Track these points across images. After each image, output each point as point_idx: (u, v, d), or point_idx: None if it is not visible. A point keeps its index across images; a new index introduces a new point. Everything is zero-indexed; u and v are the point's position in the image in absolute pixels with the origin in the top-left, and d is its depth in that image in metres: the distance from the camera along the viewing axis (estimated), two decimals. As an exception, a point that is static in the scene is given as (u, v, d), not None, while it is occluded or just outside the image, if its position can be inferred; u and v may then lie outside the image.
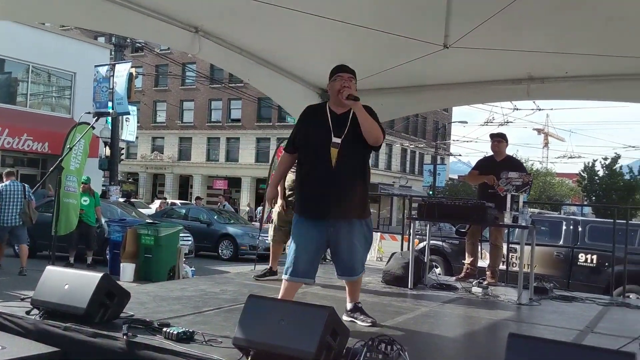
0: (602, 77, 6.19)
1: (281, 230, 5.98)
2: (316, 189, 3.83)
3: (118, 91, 17.01)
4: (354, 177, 3.86)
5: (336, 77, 4.03)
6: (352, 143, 3.81)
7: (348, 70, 4.06)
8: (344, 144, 3.80)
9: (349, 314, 4.13)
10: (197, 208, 18.26)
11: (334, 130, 3.84)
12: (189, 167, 46.92)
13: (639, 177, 36.66)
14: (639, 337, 3.69)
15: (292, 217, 5.80)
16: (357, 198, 3.89)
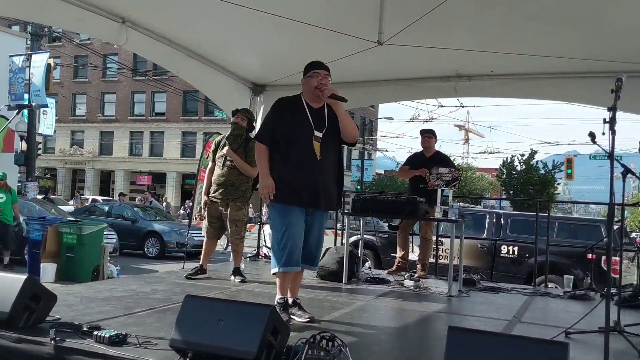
0: (526, 76, 6.47)
1: (212, 227, 5.86)
2: (306, 179, 3.89)
3: (35, 82, 16.14)
4: (334, 170, 4.04)
5: (312, 73, 4.04)
6: (331, 138, 3.98)
7: (324, 67, 4.07)
8: (325, 138, 3.94)
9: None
10: (121, 205, 17.65)
11: (314, 124, 3.95)
12: (110, 162, 45.29)
13: (554, 172, 38.67)
14: (571, 327, 3.86)
15: (220, 213, 5.74)
16: (335, 189, 4.06)
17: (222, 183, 5.73)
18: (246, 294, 5.02)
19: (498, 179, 43.54)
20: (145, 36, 5.91)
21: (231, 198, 5.72)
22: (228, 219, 5.73)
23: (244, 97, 7.67)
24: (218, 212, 5.79)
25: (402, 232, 6.87)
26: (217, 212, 5.79)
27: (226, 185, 5.71)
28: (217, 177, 5.77)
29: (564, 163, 32.92)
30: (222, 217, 5.78)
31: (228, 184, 5.71)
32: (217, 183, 5.76)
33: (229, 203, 5.73)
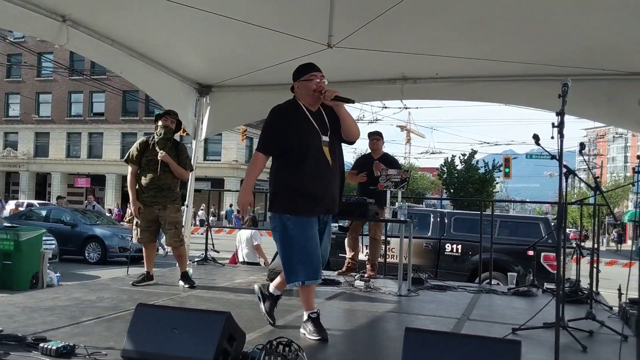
0: (469, 79, 6.64)
1: (148, 231, 5.71)
2: (323, 187, 3.76)
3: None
4: (340, 172, 3.95)
5: (310, 76, 3.91)
6: (335, 140, 3.88)
7: (318, 68, 3.98)
8: (330, 141, 3.84)
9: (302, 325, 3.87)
10: (59, 209, 17.01)
11: (319, 129, 3.82)
12: (46, 164, 43.63)
13: (492, 171, 39.90)
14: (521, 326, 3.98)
15: (156, 216, 5.61)
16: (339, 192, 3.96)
17: (158, 186, 5.63)
18: (196, 300, 4.93)
19: (439, 178, 44.53)
20: (87, 35, 5.73)
21: (169, 200, 5.66)
22: (167, 221, 5.63)
23: (189, 98, 7.55)
24: (154, 216, 5.66)
25: (352, 233, 6.92)
26: (153, 216, 5.66)
27: (163, 188, 5.63)
28: (150, 180, 5.63)
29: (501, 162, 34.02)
30: (158, 220, 5.66)
31: (165, 187, 5.64)
32: (152, 187, 5.63)
33: (167, 205, 5.64)
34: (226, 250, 15.89)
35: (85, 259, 14.44)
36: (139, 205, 5.64)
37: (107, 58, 6.30)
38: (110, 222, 16.95)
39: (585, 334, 4.03)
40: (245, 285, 5.92)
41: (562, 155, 2.88)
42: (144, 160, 5.68)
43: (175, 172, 5.68)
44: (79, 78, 39.51)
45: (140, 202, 5.64)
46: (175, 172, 5.68)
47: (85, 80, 37.62)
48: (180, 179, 5.78)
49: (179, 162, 5.70)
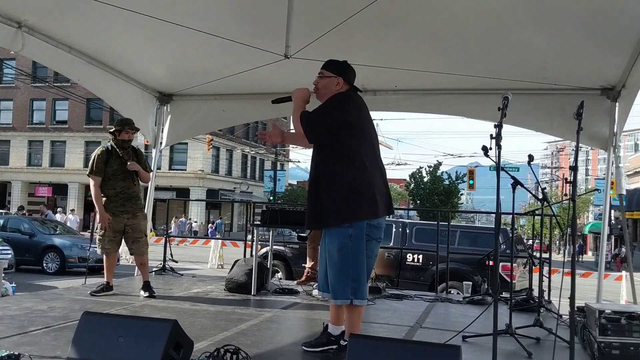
0: (428, 92, 6.76)
1: (114, 241, 5.65)
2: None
3: None
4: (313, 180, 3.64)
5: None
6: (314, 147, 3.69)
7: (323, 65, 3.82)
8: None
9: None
10: (17, 218, 16.62)
11: None
12: (6, 173, 42.57)
13: (457, 182, 40.53)
14: (463, 330, 4.06)
15: (122, 227, 5.56)
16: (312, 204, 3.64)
17: (129, 195, 5.62)
18: (150, 309, 4.88)
19: (406, 189, 45.00)
20: (44, 42, 5.66)
21: (138, 208, 5.69)
22: (137, 229, 5.62)
23: (149, 107, 7.51)
24: (121, 226, 5.61)
25: (312, 242, 6.94)
26: (120, 226, 5.61)
27: (132, 196, 5.65)
28: (121, 190, 5.59)
29: (466, 174, 34.57)
30: (124, 230, 5.61)
31: (134, 195, 5.67)
32: (122, 196, 5.59)
33: (137, 214, 5.65)
34: (188, 260, 15.78)
35: (44, 269, 14.13)
36: (108, 216, 5.57)
37: (65, 65, 6.23)
38: (70, 232, 16.62)
39: (533, 340, 4.14)
40: (202, 294, 5.88)
41: (500, 165, 2.97)
42: (109, 170, 5.60)
43: (142, 179, 5.78)
44: (42, 85, 38.80)
45: (109, 213, 5.58)
46: (142, 179, 5.78)
47: (48, 87, 36.94)
48: (144, 182, 5.88)
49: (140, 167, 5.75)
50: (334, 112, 3.48)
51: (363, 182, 3.40)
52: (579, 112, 3.10)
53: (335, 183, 3.41)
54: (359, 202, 3.38)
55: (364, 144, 3.48)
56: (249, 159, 49.81)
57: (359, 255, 3.41)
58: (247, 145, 47.89)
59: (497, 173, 3.03)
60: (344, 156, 3.43)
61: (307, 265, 7.04)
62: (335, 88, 3.63)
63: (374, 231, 3.49)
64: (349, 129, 3.44)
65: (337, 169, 3.41)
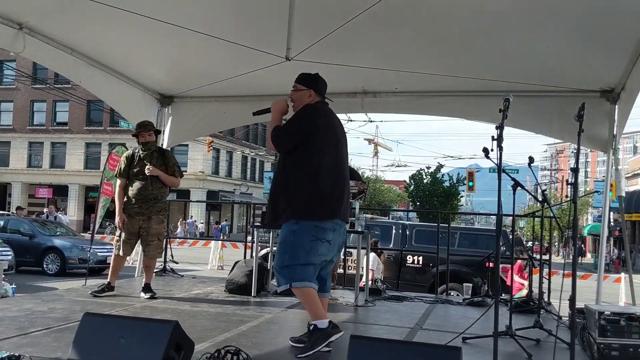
0: (427, 94, 6.77)
1: (128, 244, 5.67)
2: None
3: None
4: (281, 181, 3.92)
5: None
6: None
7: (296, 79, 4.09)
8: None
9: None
10: (17, 219, 16.62)
11: None
12: (6, 174, 42.58)
13: (457, 184, 40.53)
14: (463, 332, 4.07)
15: (138, 229, 5.58)
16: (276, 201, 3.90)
17: (146, 197, 5.62)
18: (151, 311, 4.89)
19: (406, 191, 45.02)
20: (45, 44, 5.67)
21: (154, 211, 5.66)
22: (150, 232, 5.62)
23: (151, 108, 7.51)
24: (136, 228, 5.63)
25: (311, 244, 6.95)
26: (135, 228, 5.63)
27: (150, 199, 5.62)
28: (137, 191, 5.61)
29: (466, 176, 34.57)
30: (139, 233, 5.62)
31: (151, 198, 5.63)
32: (139, 198, 5.61)
33: (151, 216, 5.64)
34: (188, 262, 15.79)
35: (44, 270, 14.15)
36: (124, 217, 5.60)
37: (66, 67, 6.24)
38: (71, 233, 16.63)
39: (533, 342, 4.15)
40: (203, 295, 5.89)
41: (501, 167, 2.98)
42: (131, 173, 5.69)
43: (166, 182, 5.72)
44: (42, 87, 38.82)
45: (126, 214, 5.61)
46: (166, 182, 5.72)
47: (49, 89, 36.97)
48: (172, 187, 5.84)
49: (167, 170, 5.72)
50: (296, 124, 3.79)
51: (316, 187, 3.67)
52: (580, 114, 3.11)
53: (291, 186, 3.71)
54: (309, 204, 3.65)
55: (324, 152, 3.73)
56: (249, 161, 49.83)
57: (297, 250, 3.64)
58: (247, 147, 47.92)
59: (499, 175, 3.04)
60: (301, 163, 3.71)
61: (307, 267, 7.04)
62: (307, 100, 3.92)
63: (322, 232, 3.68)
64: (310, 138, 3.72)
65: (295, 174, 3.71)
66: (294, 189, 3.70)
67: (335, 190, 3.71)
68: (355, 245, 6.07)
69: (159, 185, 5.68)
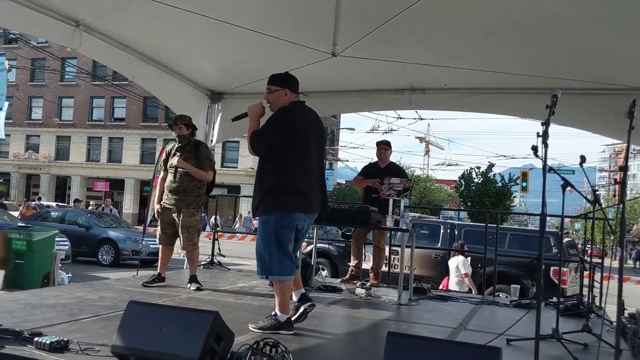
0: (477, 90, 6.65)
1: (165, 234, 5.84)
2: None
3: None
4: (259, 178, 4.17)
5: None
6: None
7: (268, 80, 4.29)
8: None
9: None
10: (75, 211, 17.26)
11: None
12: (67, 168, 44.27)
13: (510, 185, 39.60)
14: (504, 332, 3.98)
15: (173, 219, 5.72)
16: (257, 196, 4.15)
17: (174, 189, 5.74)
18: (196, 302, 4.99)
19: (456, 191, 44.30)
20: (100, 40, 5.86)
21: (184, 204, 5.73)
22: (180, 225, 5.73)
23: (201, 104, 7.66)
24: (171, 219, 5.78)
25: (356, 241, 6.94)
26: (170, 219, 5.79)
27: (178, 191, 5.72)
28: (169, 183, 5.77)
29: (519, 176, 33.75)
30: (175, 224, 5.77)
31: (180, 190, 5.72)
32: (169, 190, 5.77)
33: (181, 209, 5.73)
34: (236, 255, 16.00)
35: (99, 261, 14.64)
36: (158, 208, 5.82)
37: (120, 63, 6.43)
38: (125, 226, 17.13)
39: (580, 346, 4.02)
40: (247, 289, 5.97)
41: (546, 165, 2.89)
42: (168, 165, 5.89)
43: (195, 176, 5.77)
44: (101, 83, 40.12)
45: (161, 205, 5.80)
46: (195, 176, 5.77)
47: (107, 85, 38.19)
48: (202, 180, 5.84)
49: (198, 164, 5.79)
50: (273, 128, 4.03)
51: (286, 181, 3.95)
52: (630, 110, 2.99)
53: (267, 181, 4.00)
54: (279, 198, 3.94)
55: (294, 149, 3.99)
56: (298, 158, 50.04)
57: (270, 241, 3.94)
58: (297, 143, 48.12)
59: (543, 172, 2.96)
60: (274, 159, 3.99)
61: (351, 264, 7.04)
62: (284, 99, 4.14)
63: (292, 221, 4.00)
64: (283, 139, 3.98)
65: (268, 170, 4.01)
66: (267, 184, 3.99)
67: (304, 184, 4.00)
68: (400, 243, 6.03)
69: (189, 178, 5.74)
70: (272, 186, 3.96)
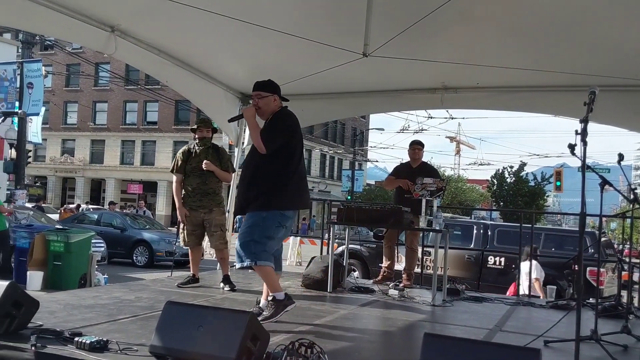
0: (511, 89, 6.55)
1: (194, 235, 5.92)
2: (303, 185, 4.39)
3: (36, 92, 16.21)
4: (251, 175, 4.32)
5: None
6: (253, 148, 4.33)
7: (254, 87, 4.44)
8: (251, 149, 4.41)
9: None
10: (110, 213, 17.61)
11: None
12: (101, 171, 45.16)
13: (543, 184, 38.97)
14: (543, 334, 3.92)
15: (201, 220, 5.79)
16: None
17: (204, 191, 5.84)
18: (230, 302, 5.04)
19: (489, 191, 43.78)
20: (135, 45, 5.95)
21: (214, 203, 5.88)
22: (213, 224, 5.82)
23: (233, 107, 7.72)
24: (199, 220, 5.87)
25: (388, 242, 6.90)
26: (198, 220, 5.87)
27: (208, 192, 5.86)
28: (196, 186, 5.85)
29: (553, 175, 33.18)
30: (203, 224, 5.85)
31: (210, 192, 5.87)
32: (198, 192, 5.85)
33: (212, 208, 5.85)
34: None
35: (134, 262, 14.89)
36: (185, 211, 5.87)
37: (154, 67, 6.53)
38: (158, 227, 17.39)
39: (620, 348, 3.93)
40: (280, 290, 5.98)
41: (585, 163, 2.84)
42: (188, 168, 5.94)
43: (220, 177, 5.92)
44: (134, 88, 40.79)
45: (187, 208, 5.86)
46: (220, 177, 5.92)
47: (140, 90, 38.81)
48: (225, 181, 6.04)
49: (221, 166, 5.91)
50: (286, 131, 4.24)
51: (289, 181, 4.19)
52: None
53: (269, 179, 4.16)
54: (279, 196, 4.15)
55: (295, 151, 4.27)
56: (327, 159, 50.17)
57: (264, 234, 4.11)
58: (326, 144, 48.24)
59: (582, 170, 2.91)
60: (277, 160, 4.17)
61: (383, 265, 7.01)
62: (274, 104, 4.35)
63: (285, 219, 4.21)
64: (289, 141, 4.23)
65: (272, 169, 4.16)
66: (270, 182, 4.15)
67: (299, 184, 4.28)
68: (432, 244, 5.99)
69: (215, 180, 5.91)
70: (276, 184, 4.14)
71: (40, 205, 21.01)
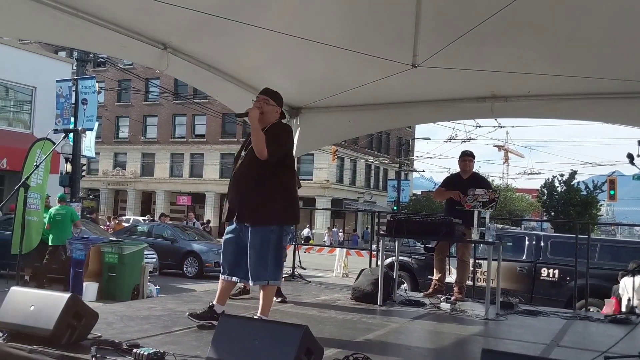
0: (563, 97, 6.39)
1: None
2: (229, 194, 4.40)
3: (90, 108, 16.80)
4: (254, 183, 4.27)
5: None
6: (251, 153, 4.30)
7: (264, 91, 4.55)
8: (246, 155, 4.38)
9: None
10: (161, 225, 17.98)
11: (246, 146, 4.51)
12: (151, 183, 46.28)
13: (595, 193, 37.78)
14: (607, 350, 3.77)
15: None
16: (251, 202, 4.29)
17: None
18: (281, 314, 5.06)
19: (538, 200, 42.75)
20: (186, 61, 6.07)
21: None
22: None
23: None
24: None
25: (439, 254, 6.80)
26: None
27: None
28: None
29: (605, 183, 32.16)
30: None
31: None
32: None
33: None
34: (317, 268, 16.12)
35: (184, 272, 15.14)
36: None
37: (204, 82, 6.66)
38: (207, 238, 17.65)
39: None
40: (330, 302, 5.99)
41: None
42: None
43: None
44: (182, 102, 41.74)
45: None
46: None
47: (188, 103, 39.68)
48: None
49: None
50: (288, 141, 4.40)
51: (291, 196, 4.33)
52: None
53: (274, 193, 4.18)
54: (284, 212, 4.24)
55: (292, 167, 4.42)
56: (372, 169, 49.99)
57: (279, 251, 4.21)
58: (371, 155, 48.10)
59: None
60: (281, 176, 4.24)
61: (434, 277, 6.90)
62: (274, 115, 4.44)
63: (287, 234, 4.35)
64: (289, 153, 4.39)
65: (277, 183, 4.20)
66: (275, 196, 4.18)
67: (296, 200, 4.44)
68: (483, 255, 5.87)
69: None
70: (281, 199, 4.21)
71: (93, 218, 21.64)
